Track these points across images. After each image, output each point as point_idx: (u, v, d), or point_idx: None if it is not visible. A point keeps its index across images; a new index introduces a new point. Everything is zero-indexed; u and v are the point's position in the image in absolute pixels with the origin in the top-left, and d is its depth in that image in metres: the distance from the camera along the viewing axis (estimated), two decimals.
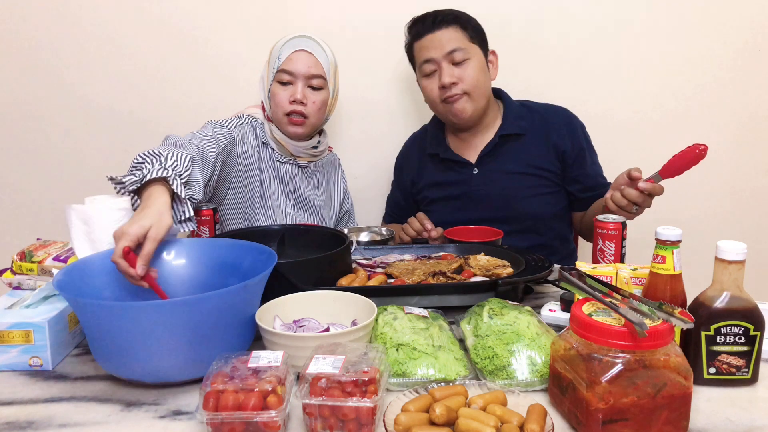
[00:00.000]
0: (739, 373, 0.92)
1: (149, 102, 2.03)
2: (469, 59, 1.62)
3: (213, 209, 1.40)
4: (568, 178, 1.72)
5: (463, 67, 1.62)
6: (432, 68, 1.65)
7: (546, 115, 1.73)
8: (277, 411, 0.77)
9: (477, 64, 1.64)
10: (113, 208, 1.16)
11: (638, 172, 1.34)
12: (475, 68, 1.63)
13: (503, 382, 0.91)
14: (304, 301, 1.08)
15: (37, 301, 1.08)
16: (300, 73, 1.58)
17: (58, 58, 2.00)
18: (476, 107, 1.66)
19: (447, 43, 1.62)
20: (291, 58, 1.58)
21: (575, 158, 1.70)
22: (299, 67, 1.57)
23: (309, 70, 1.58)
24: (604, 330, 0.80)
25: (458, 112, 1.65)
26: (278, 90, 1.59)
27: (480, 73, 1.64)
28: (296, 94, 1.57)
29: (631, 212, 1.36)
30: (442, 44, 1.62)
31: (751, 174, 2.06)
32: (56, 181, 2.08)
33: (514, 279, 1.20)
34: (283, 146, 1.66)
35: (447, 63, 1.62)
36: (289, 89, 1.59)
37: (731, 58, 1.98)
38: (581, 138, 1.72)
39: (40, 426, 0.86)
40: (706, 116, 2.02)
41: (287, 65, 1.58)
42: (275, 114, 1.62)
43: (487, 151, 1.72)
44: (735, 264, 0.90)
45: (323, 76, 1.61)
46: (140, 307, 0.93)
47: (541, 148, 1.70)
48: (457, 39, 1.62)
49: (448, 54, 1.61)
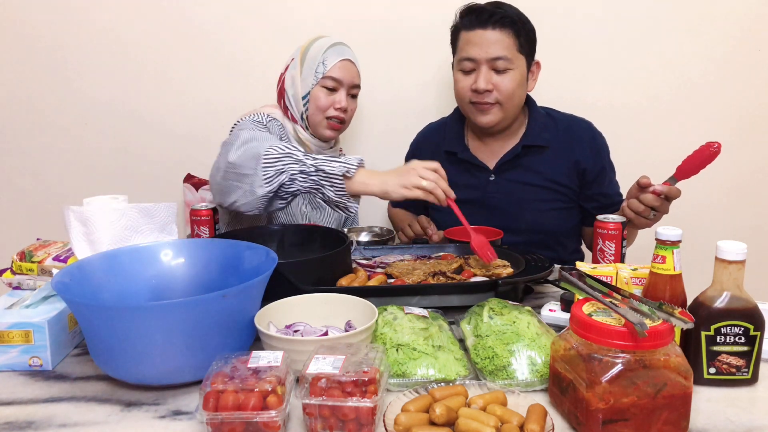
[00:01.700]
0: (739, 373, 0.92)
1: (149, 102, 2.03)
2: (511, 70, 1.56)
3: (212, 209, 1.40)
4: (585, 196, 1.68)
5: (502, 77, 1.56)
6: (471, 66, 1.58)
7: (571, 128, 1.69)
8: (277, 411, 0.77)
9: (518, 76, 1.58)
10: (111, 208, 1.16)
11: (647, 179, 1.33)
12: (514, 80, 1.57)
13: (503, 382, 0.91)
14: (296, 306, 1.07)
15: (37, 301, 1.08)
16: (346, 82, 1.63)
17: (57, 58, 2.00)
18: (504, 118, 1.62)
19: (494, 47, 1.55)
20: (339, 67, 1.61)
21: (595, 177, 1.67)
22: (345, 76, 1.62)
23: (353, 80, 1.65)
24: (604, 330, 0.80)
25: (484, 120, 1.61)
26: (322, 94, 1.62)
27: (518, 86, 1.58)
28: (342, 102, 1.62)
29: (648, 218, 1.35)
30: (489, 47, 1.55)
31: (751, 174, 2.06)
32: (56, 181, 2.08)
33: (514, 279, 1.20)
34: (307, 146, 1.67)
35: (488, 68, 1.56)
36: (334, 96, 1.63)
37: (732, 58, 1.98)
38: (604, 157, 1.69)
39: (40, 426, 0.86)
40: (707, 116, 2.02)
41: (335, 73, 1.61)
42: (314, 116, 1.64)
43: (507, 159, 1.67)
44: (735, 264, 0.90)
45: (360, 85, 1.69)
46: (139, 309, 0.93)
47: (563, 163, 1.66)
48: (506, 46, 1.55)
49: (492, 60, 1.55)
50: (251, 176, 1.25)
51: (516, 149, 1.66)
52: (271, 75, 1.77)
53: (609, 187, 1.70)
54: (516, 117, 1.67)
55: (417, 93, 2.04)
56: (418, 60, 2.01)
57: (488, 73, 1.56)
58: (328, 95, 1.62)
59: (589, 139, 1.69)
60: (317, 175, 1.24)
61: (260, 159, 1.25)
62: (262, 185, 1.24)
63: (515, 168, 1.68)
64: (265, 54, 1.98)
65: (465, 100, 1.63)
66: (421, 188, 1.25)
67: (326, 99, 1.61)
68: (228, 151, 1.32)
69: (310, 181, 1.25)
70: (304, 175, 1.25)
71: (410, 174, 1.26)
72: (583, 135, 1.69)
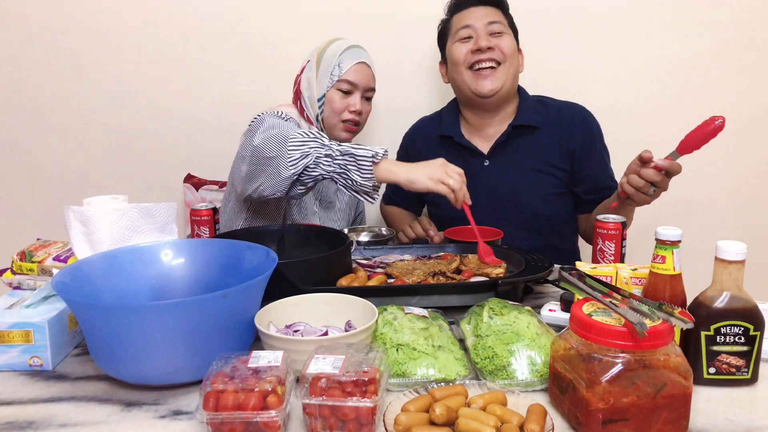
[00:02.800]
0: (739, 373, 0.92)
1: (149, 102, 2.03)
2: (506, 34, 1.66)
3: (212, 209, 1.40)
4: (576, 179, 1.70)
5: (499, 39, 1.65)
6: (468, 33, 1.66)
7: (561, 111, 1.72)
8: (277, 411, 0.77)
9: (512, 42, 1.67)
10: (111, 208, 1.16)
11: (648, 153, 1.33)
12: (510, 43, 1.66)
13: (503, 382, 0.91)
14: (296, 306, 1.07)
15: (37, 301, 1.08)
16: (361, 85, 1.63)
17: (57, 58, 2.00)
18: (504, 84, 1.65)
19: (487, 15, 1.66)
20: (355, 70, 1.62)
21: (583, 156, 1.68)
22: (361, 79, 1.63)
23: (368, 83, 1.66)
24: (604, 330, 0.80)
25: (486, 87, 1.64)
26: (337, 97, 1.62)
27: (514, 50, 1.67)
28: (357, 105, 1.63)
29: (648, 194, 1.34)
30: (482, 16, 1.66)
31: (751, 174, 2.06)
32: (56, 181, 2.08)
33: (514, 279, 1.20)
34: None
35: (485, 32, 1.65)
36: (349, 99, 1.63)
37: (732, 58, 1.98)
38: (594, 137, 1.71)
39: (40, 426, 0.86)
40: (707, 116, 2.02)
41: (351, 76, 1.61)
42: (330, 119, 1.64)
43: (500, 141, 1.70)
44: (735, 264, 0.90)
45: (375, 88, 1.69)
46: (140, 309, 0.93)
47: (554, 144, 1.69)
48: (497, 16, 1.67)
49: (488, 24, 1.65)
50: (276, 158, 1.27)
51: (508, 130, 1.69)
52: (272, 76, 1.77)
53: (599, 169, 1.70)
54: (512, 92, 1.71)
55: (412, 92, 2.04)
56: (411, 58, 2.01)
57: (486, 37, 1.64)
58: (343, 98, 1.62)
59: (580, 120, 1.71)
60: (344, 159, 1.27)
61: (287, 141, 1.27)
62: (287, 166, 1.26)
63: (508, 151, 1.71)
64: (268, 56, 1.99)
65: (465, 65, 1.67)
66: (448, 185, 1.28)
67: (341, 102, 1.62)
68: (252, 138, 1.34)
69: (335, 165, 1.27)
70: (329, 159, 1.27)
71: (440, 169, 1.30)
72: (575, 116, 1.71)
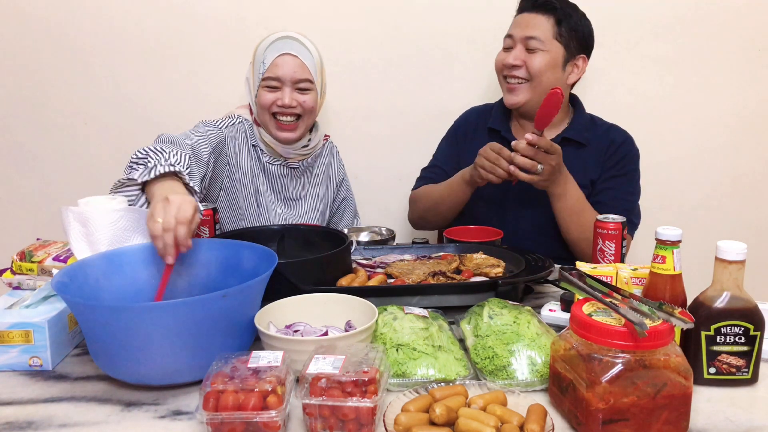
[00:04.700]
0: (739, 373, 0.92)
1: (149, 102, 2.03)
2: (543, 51, 1.61)
3: (213, 209, 1.40)
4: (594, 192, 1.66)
5: (532, 55, 1.61)
6: (509, 43, 1.66)
7: (609, 132, 1.70)
8: (277, 411, 0.77)
9: (549, 59, 1.61)
10: (110, 209, 1.15)
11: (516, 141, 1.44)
12: (543, 61, 1.61)
13: (503, 382, 0.91)
14: (296, 306, 1.07)
15: (37, 302, 1.08)
16: (286, 78, 1.55)
17: (57, 58, 2.00)
18: (531, 99, 1.64)
19: (531, 28, 1.61)
20: (276, 64, 1.54)
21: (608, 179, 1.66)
22: (285, 72, 1.54)
23: (295, 74, 1.55)
24: (604, 330, 0.80)
25: (511, 100, 1.65)
26: (265, 94, 1.56)
27: (547, 67, 1.61)
28: (283, 99, 1.54)
29: (538, 172, 1.43)
30: (526, 27, 1.62)
31: (751, 174, 2.06)
32: (56, 181, 2.08)
33: (514, 279, 1.20)
34: (273, 148, 1.64)
35: (521, 46, 1.62)
36: (277, 93, 1.56)
37: (732, 58, 1.98)
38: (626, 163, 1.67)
39: (40, 426, 0.86)
40: (707, 116, 2.02)
41: (273, 71, 1.54)
42: (261, 117, 1.60)
43: None
44: (735, 264, 0.91)
45: (310, 78, 1.57)
46: (140, 309, 0.93)
47: (597, 164, 1.67)
48: (542, 29, 1.61)
49: (526, 39, 1.61)
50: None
51: (557, 139, 1.66)
52: None
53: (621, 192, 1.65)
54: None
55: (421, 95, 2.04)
56: (421, 62, 2.01)
57: (521, 51, 1.63)
58: (271, 93, 1.56)
59: (620, 142, 1.68)
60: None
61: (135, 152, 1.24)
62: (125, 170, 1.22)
63: None
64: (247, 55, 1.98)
65: (500, 74, 1.69)
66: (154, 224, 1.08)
67: (269, 96, 1.55)
68: None
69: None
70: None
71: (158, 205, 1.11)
72: (616, 139, 1.69)
